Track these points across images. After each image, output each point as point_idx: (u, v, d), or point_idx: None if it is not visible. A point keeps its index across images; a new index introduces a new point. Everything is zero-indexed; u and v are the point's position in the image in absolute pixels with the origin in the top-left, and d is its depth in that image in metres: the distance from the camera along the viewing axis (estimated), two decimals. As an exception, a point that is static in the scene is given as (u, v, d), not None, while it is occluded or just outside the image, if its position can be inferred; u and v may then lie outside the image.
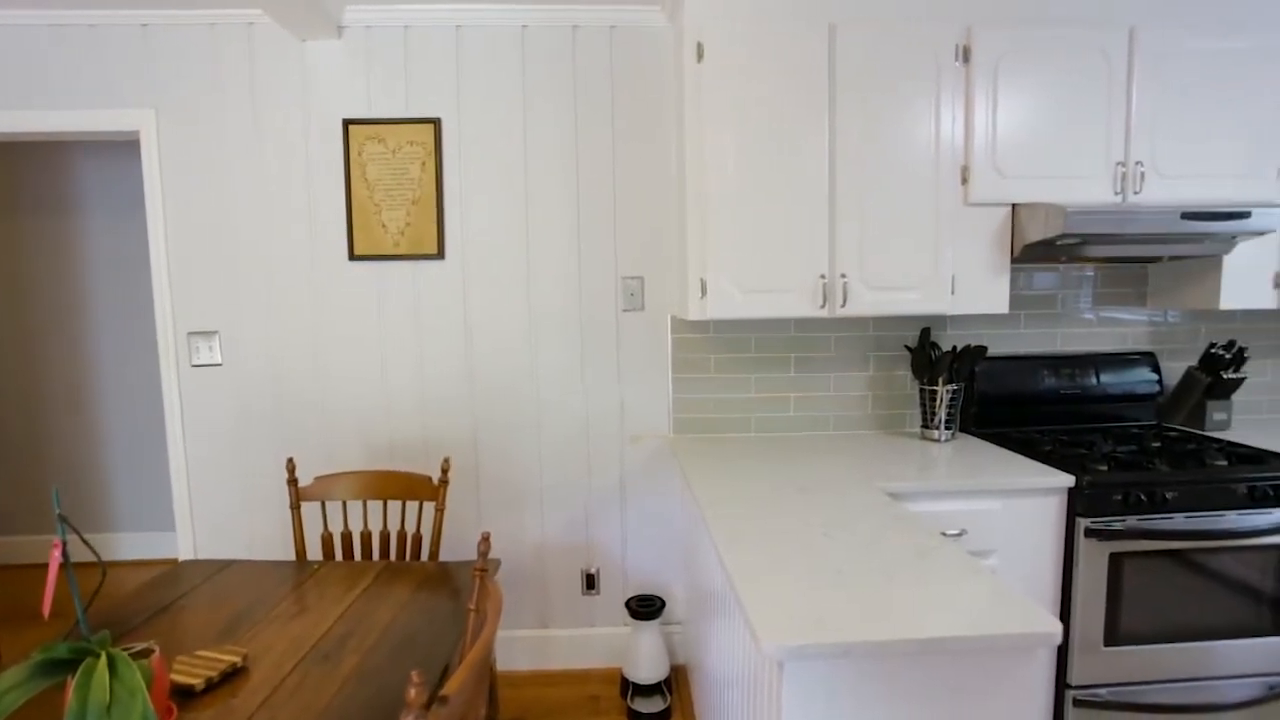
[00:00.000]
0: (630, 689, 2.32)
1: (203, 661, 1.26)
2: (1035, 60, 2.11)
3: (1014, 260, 2.20)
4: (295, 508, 2.02)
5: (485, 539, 1.38)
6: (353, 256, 2.39)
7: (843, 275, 2.08)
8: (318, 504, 2.37)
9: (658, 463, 2.51)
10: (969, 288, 2.16)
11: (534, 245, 2.42)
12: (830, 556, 1.35)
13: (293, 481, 2.02)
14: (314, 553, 2.37)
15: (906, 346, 2.41)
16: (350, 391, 2.43)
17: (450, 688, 0.96)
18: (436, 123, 2.36)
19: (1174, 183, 2.19)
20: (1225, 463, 2.00)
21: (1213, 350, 2.44)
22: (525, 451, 2.48)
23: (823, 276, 2.08)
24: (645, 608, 2.33)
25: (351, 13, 2.29)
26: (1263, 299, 2.27)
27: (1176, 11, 2.18)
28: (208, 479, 2.43)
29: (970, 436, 2.39)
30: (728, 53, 2.03)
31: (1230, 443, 2.23)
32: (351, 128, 2.35)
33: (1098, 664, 1.96)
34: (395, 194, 2.38)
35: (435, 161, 2.38)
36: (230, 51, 2.31)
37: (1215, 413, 2.42)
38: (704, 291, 2.08)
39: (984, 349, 2.29)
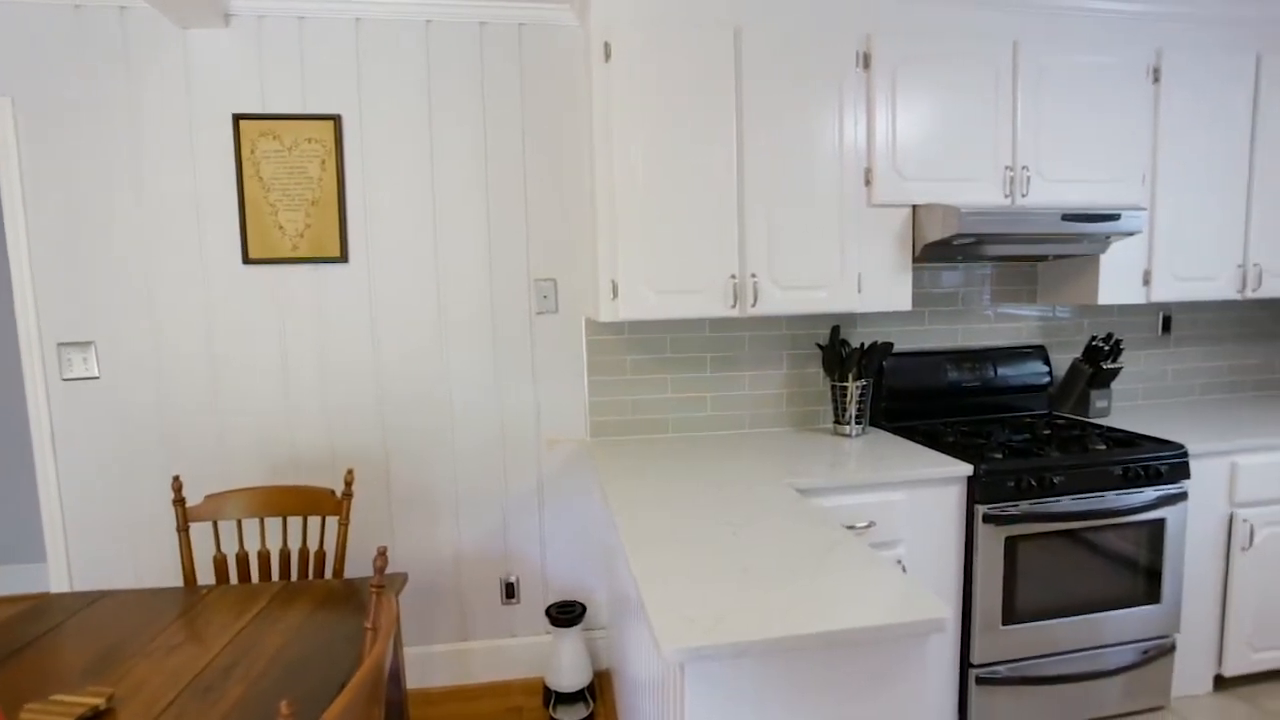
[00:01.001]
0: (552, 698, 2.27)
1: (58, 707, 1.14)
2: (930, 69, 2.20)
3: (916, 259, 2.29)
4: (183, 530, 1.87)
5: (382, 553, 1.32)
6: (247, 260, 2.25)
7: (753, 275, 2.11)
8: (210, 525, 2.21)
9: (576, 466, 2.48)
10: (875, 286, 2.23)
11: (443, 247, 2.35)
12: (737, 555, 1.35)
13: (179, 501, 1.88)
14: (206, 577, 2.21)
15: (818, 344, 2.47)
16: (248, 404, 2.29)
17: (330, 714, 0.90)
18: (337, 120, 2.26)
19: (1056, 186, 2.33)
20: (1104, 447, 2.14)
21: (1094, 343, 2.62)
22: (439, 459, 2.40)
23: (733, 276, 2.10)
24: (565, 614, 2.30)
25: (240, 0, 2.16)
26: (1134, 294, 2.45)
27: (1052, 29, 2.33)
28: (84, 503, 2.23)
29: (880, 430, 2.47)
30: (635, 53, 2.02)
31: (1109, 428, 2.39)
32: (243, 123, 2.21)
33: (997, 642, 2.06)
34: (293, 194, 2.26)
35: (336, 160, 2.27)
36: (100, 37, 2.13)
37: (1097, 400, 2.60)
38: (615, 293, 2.06)
39: (891, 345, 2.37)
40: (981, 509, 1.99)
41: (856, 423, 2.36)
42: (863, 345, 2.37)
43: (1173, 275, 2.47)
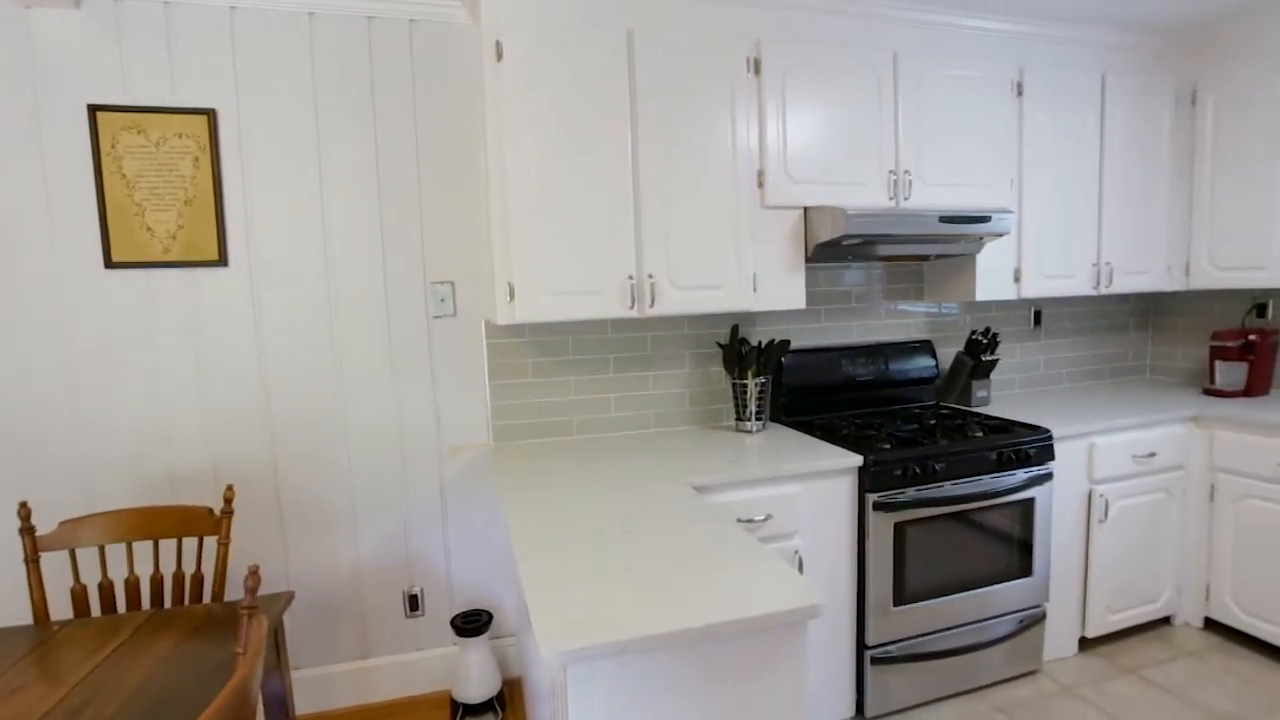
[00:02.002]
0: (460, 710, 2.22)
1: None
2: (818, 75, 2.29)
3: (809, 259, 2.37)
4: (32, 561, 1.71)
5: (253, 572, 1.25)
6: (110, 264, 2.08)
7: (650, 276, 2.14)
8: (68, 555, 2.02)
9: (480, 471, 2.43)
10: (770, 285, 2.30)
11: (334, 250, 2.25)
12: (627, 554, 1.36)
13: (28, 530, 1.71)
14: (63, 612, 2.03)
15: (719, 343, 2.52)
16: (115, 419, 2.11)
17: (178, 752, 0.84)
18: (211, 114, 2.12)
19: (936, 190, 2.47)
20: (981, 434, 2.30)
21: (974, 337, 2.80)
22: (334, 471, 2.29)
23: (631, 278, 2.12)
24: (471, 624, 2.25)
25: (93, -18, 1.99)
26: (1007, 291, 2.64)
27: (928, 42, 2.48)
28: (-81, 535, 2.00)
29: (780, 425, 2.55)
30: (528, 53, 2.00)
31: (987, 416, 2.56)
32: (100, 115, 2.04)
33: (889, 623, 2.16)
34: (163, 193, 2.11)
35: (212, 157, 2.13)
36: (-73, 18, 1.92)
37: (978, 390, 2.78)
38: (512, 295, 2.03)
39: (788, 343, 2.45)
40: (872, 497, 2.09)
41: (757, 419, 2.42)
42: (760, 343, 2.44)
43: (1039, 273, 2.67)
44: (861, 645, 2.17)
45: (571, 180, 2.06)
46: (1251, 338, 2.77)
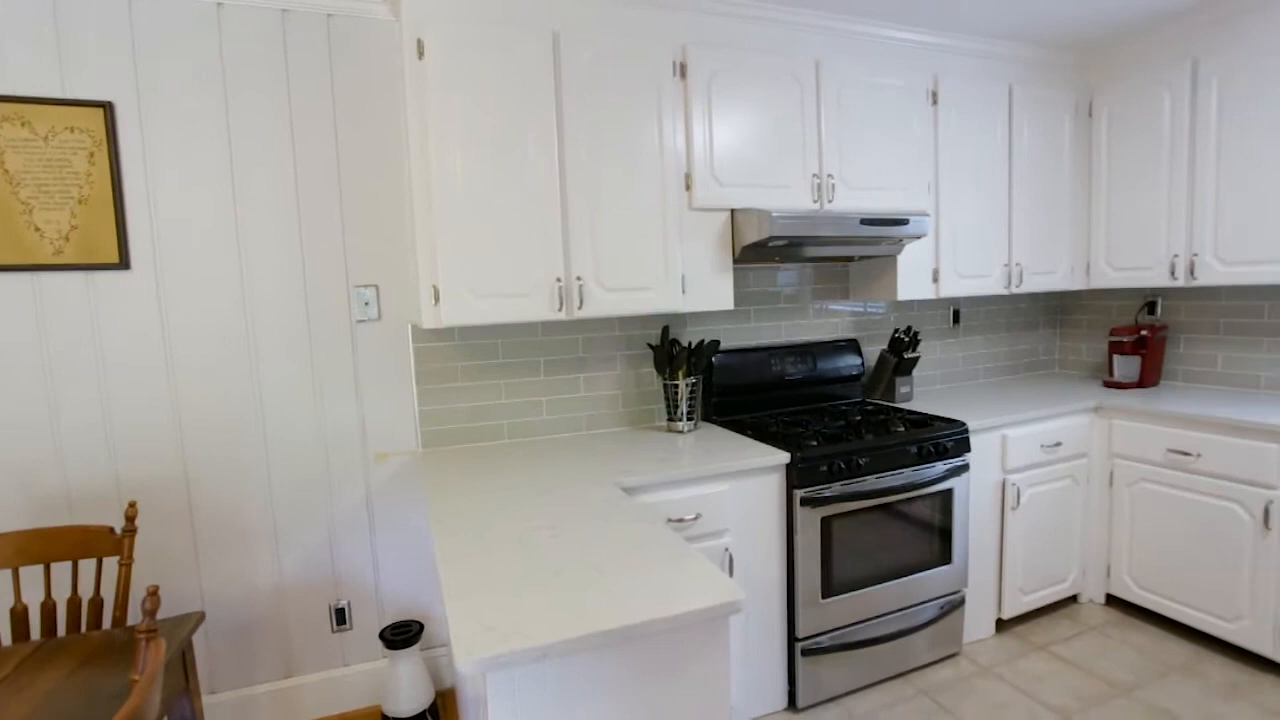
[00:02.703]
0: (389, 726, 2.16)
1: None
2: (743, 81, 2.33)
3: (736, 260, 2.42)
4: (-96, 590, 1.57)
5: (152, 594, 1.18)
6: (-7, 267, 1.93)
7: (579, 278, 2.13)
8: (-45, 579, 1.87)
9: (408, 478, 2.37)
10: (699, 286, 2.32)
11: (248, 252, 2.15)
12: (552, 558, 1.35)
13: (-102, 557, 1.57)
14: (-51, 642, 1.87)
15: (649, 344, 2.53)
16: (2, 438, 1.96)
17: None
18: (108, 107, 1.99)
19: (858, 193, 2.56)
20: (903, 429, 2.39)
21: (896, 335, 2.90)
22: (253, 482, 2.19)
23: (559, 280, 2.11)
24: (401, 635, 2.19)
25: (-31, -37, 1.84)
26: (926, 291, 2.75)
27: (849, 51, 2.56)
28: None
29: (712, 425, 2.59)
30: (451, 52, 1.97)
31: (910, 411, 2.66)
32: (-21, 107, 1.89)
33: (819, 615, 2.22)
34: (53, 191, 1.97)
35: (109, 153, 2.01)
36: None
37: (901, 387, 2.89)
38: (437, 298, 1.99)
39: (718, 343, 2.48)
40: (799, 493, 2.14)
41: (688, 419, 2.45)
42: (690, 344, 2.46)
43: (956, 273, 2.80)
44: (792, 638, 2.22)
45: (497, 181, 2.03)
46: (1144, 333, 2.98)
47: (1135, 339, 3.00)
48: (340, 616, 2.32)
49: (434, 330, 2.33)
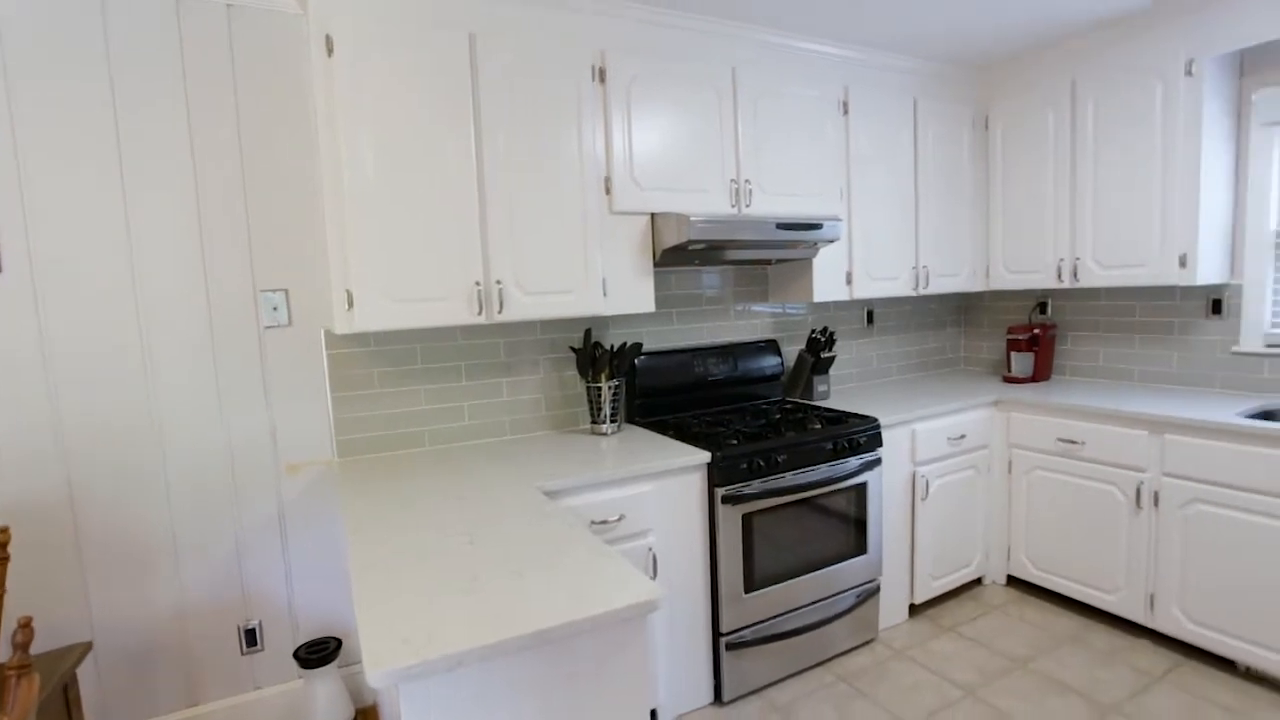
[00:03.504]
0: (305, 749, 2.07)
1: None
2: (662, 87, 2.37)
3: (657, 263, 2.45)
4: None
5: (23, 626, 1.09)
6: None
7: (498, 281, 2.11)
8: None
9: (323, 489, 2.28)
10: (620, 289, 2.34)
11: (140, 254, 2.02)
12: (471, 565, 1.33)
13: None
14: None
15: (572, 348, 2.53)
16: None
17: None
18: (-28, 94, 1.83)
19: (775, 198, 2.64)
20: (819, 426, 2.48)
21: (813, 335, 3.01)
22: (149, 500, 2.06)
23: (478, 283, 2.08)
24: (317, 653, 2.10)
25: None
26: (840, 293, 2.87)
27: (765, 60, 2.64)
28: None
29: (636, 426, 2.61)
30: (362, 49, 1.91)
31: (826, 409, 2.77)
32: None
33: (741, 610, 2.28)
34: (-90, 186, 1.79)
35: (-24, 144, 1.84)
36: None
37: (819, 385, 3.00)
38: (351, 303, 1.93)
39: (640, 345, 2.51)
40: (720, 491, 2.19)
41: (612, 421, 2.47)
42: (613, 347, 2.48)
43: (868, 276, 2.93)
44: (717, 633, 2.27)
45: (413, 183, 1.98)
46: (1036, 332, 3.21)
47: (1029, 337, 3.22)
48: (251, 637, 2.21)
49: (349, 336, 2.25)
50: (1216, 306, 2.79)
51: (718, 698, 2.31)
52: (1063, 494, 2.75)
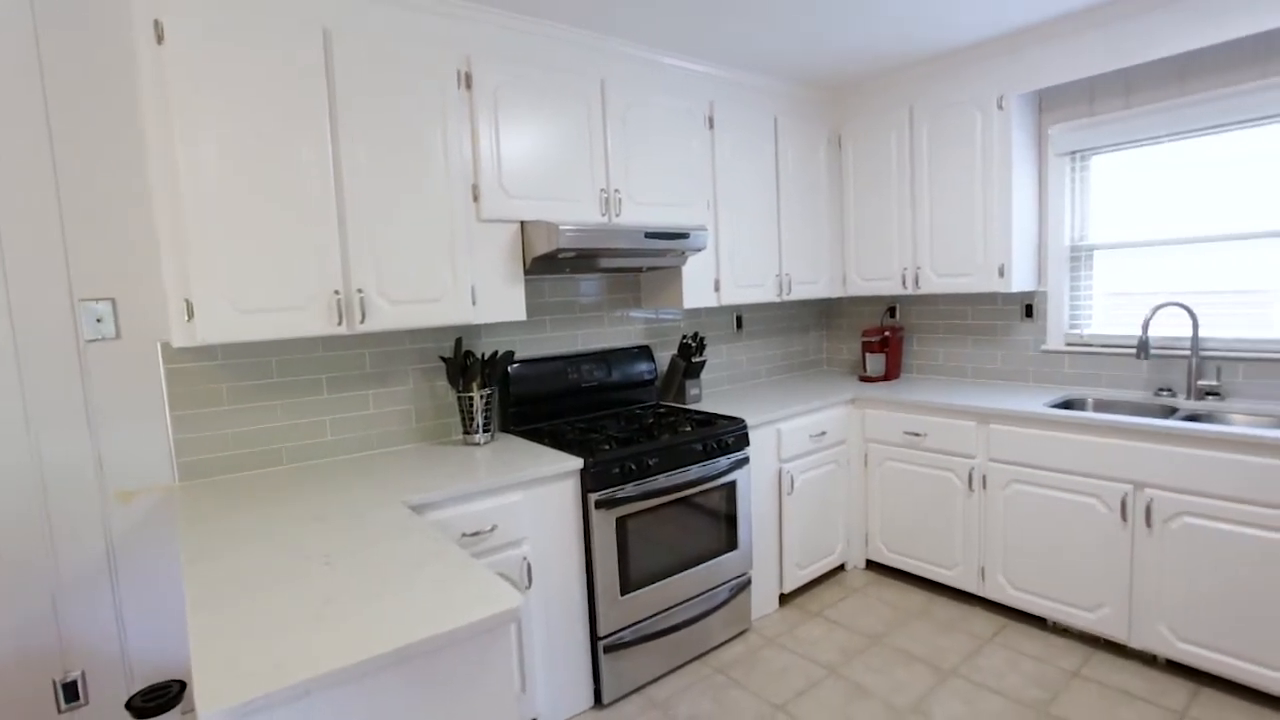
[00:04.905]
0: (143, 806, 1.87)
1: None
2: (531, 95, 2.37)
3: (528, 271, 2.45)
4: None
5: None
6: None
7: (360, 290, 2.02)
8: None
9: (164, 517, 2.08)
10: (489, 298, 2.32)
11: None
12: (324, 588, 1.27)
13: None
14: None
15: (442, 357, 2.47)
16: None
17: None
18: None
19: (644, 208, 2.72)
20: (690, 429, 2.57)
21: (685, 340, 3.12)
22: (-63, 543, 1.79)
23: (337, 292, 1.98)
24: (155, 700, 1.91)
25: None
26: (709, 299, 2.99)
27: (632, 73, 2.71)
28: None
29: (510, 436, 2.59)
30: (199, 40, 1.77)
31: (697, 411, 2.88)
32: None
33: (618, 611, 2.32)
34: None
35: None
36: None
37: (691, 389, 3.11)
38: (191, 314, 1.78)
39: (512, 353, 2.50)
40: (594, 496, 2.22)
41: (485, 430, 2.43)
42: (483, 355, 2.45)
43: (735, 283, 3.08)
44: (595, 637, 2.29)
45: (262, 186, 1.86)
46: (886, 334, 3.51)
47: (880, 339, 3.51)
48: (71, 692, 1.97)
49: (192, 349, 2.07)
50: (1029, 310, 3.18)
51: (598, 700, 2.33)
52: (910, 482, 3.02)
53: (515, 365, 2.63)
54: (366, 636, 1.08)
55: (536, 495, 2.11)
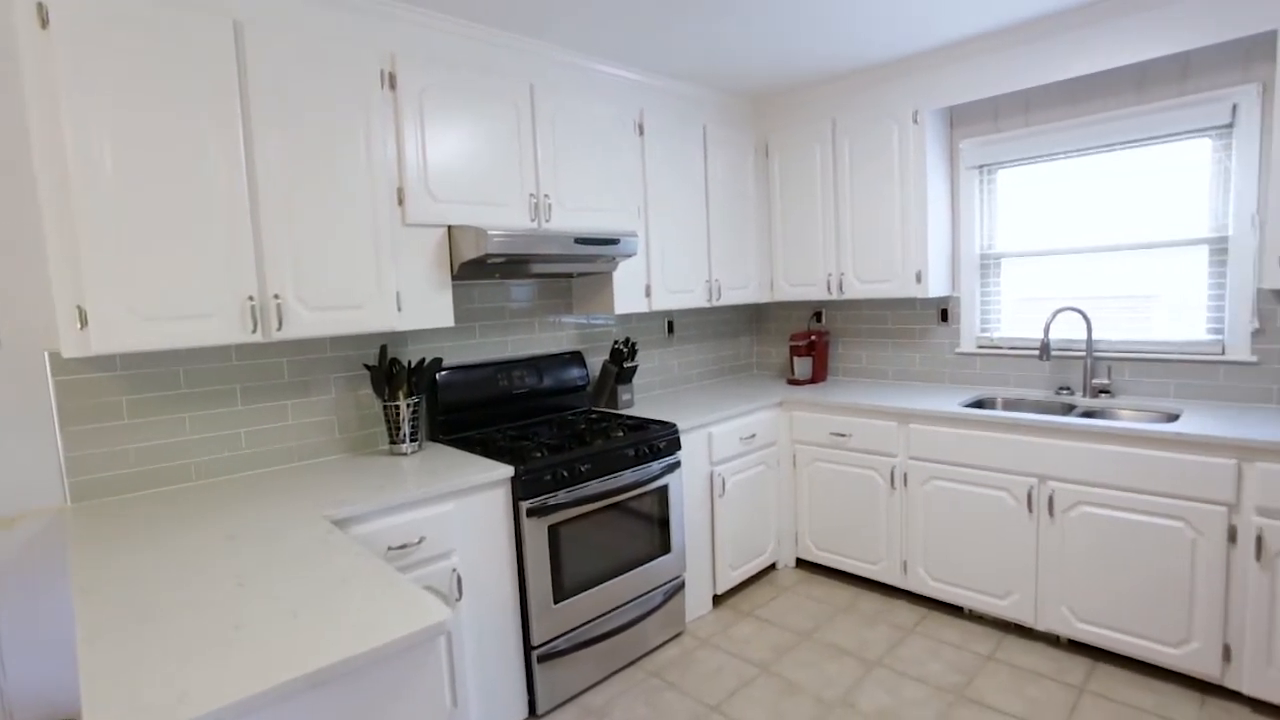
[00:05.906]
0: None
1: None
2: (458, 97, 2.33)
3: (456, 277, 2.40)
4: None
5: None
6: None
7: (276, 296, 1.93)
8: None
9: (53, 543, 1.92)
10: (415, 304, 2.26)
11: None
12: (234, 612, 1.20)
13: None
14: None
15: (366, 365, 2.39)
16: None
17: None
18: None
19: (574, 214, 2.71)
20: (622, 434, 2.58)
21: (616, 346, 3.13)
22: None
23: (252, 298, 1.89)
24: (44, 741, 1.76)
25: None
26: (640, 305, 3.01)
27: (561, 78, 2.71)
28: None
29: (438, 444, 2.52)
30: (88, 26, 1.65)
31: (630, 417, 2.88)
32: None
33: (552, 620, 2.29)
34: None
35: None
36: None
37: (623, 394, 3.12)
38: (84, 321, 1.65)
39: (440, 360, 2.44)
40: (525, 504, 2.19)
41: (412, 440, 2.36)
42: (410, 363, 2.38)
43: (666, 289, 3.11)
44: (529, 647, 2.26)
45: (165, 186, 1.75)
46: (813, 338, 3.62)
47: (807, 343, 3.62)
48: (-54, 735, 1.79)
49: (86, 359, 1.92)
50: (944, 315, 3.35)
51: (533, 711, 2.30)
52: (836, 481, 3.13)
53: (444, 372, 2.57)
54: (282, 661, 1.03)
55: (466, 505, 2.06)
